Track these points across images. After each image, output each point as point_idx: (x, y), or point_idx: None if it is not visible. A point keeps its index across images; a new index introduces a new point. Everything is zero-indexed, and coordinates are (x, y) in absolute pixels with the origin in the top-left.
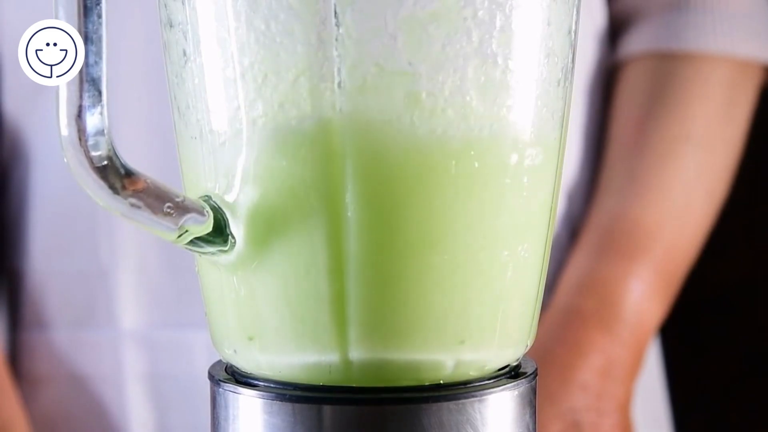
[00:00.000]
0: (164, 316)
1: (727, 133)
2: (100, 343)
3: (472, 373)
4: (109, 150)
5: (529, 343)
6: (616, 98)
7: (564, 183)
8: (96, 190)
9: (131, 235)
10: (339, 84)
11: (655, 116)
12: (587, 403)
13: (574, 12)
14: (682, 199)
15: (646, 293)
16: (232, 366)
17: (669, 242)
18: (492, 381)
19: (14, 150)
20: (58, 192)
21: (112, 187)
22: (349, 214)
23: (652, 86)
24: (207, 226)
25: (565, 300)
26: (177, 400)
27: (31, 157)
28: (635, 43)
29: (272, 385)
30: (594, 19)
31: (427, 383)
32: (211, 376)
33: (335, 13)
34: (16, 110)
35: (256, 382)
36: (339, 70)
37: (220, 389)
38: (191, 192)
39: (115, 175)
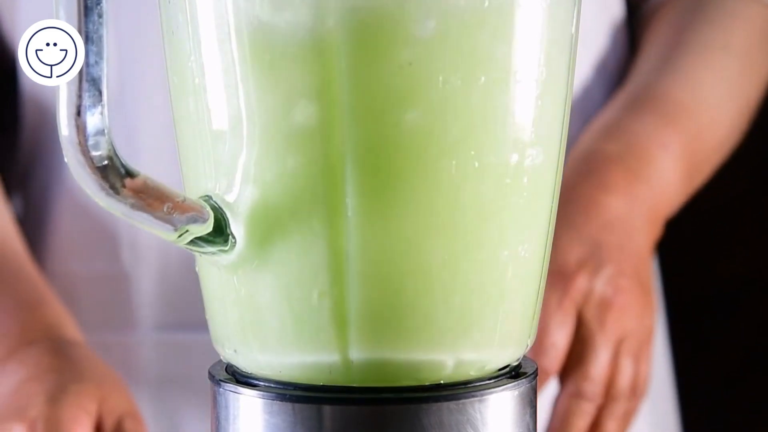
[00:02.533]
0: (185, 319)
1: (763, 58)
2: (121, 345)
3: (473, 373)
4: (110, 150)
5: (530, 343)
6: (652, 19)
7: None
8: (96, 190)
9: (153, 237)
10: (341, 84)
11: (695, 25)
12: (609, 239)
13: (575, 12)
14: (715, 93)
15: (671, 162)
16: (232, 366)
17: (699, 123)
18: (492, 381)
19: (35, 152)
20: (80, 194)
21: (112, 187)
22: (349, 214)
23: (692, 4)
24: (207, 226)
25: (589, 143)
26: (196, 402)
27: (52, 160)
28: None
29: (272, 385)
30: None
31: (427, 383)
32: (211, 376)
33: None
34: (37, 112)
35: (256, 382)
36: (340, 69)
37: (221, 389)
38: (192, 192)
39: (116, 175)
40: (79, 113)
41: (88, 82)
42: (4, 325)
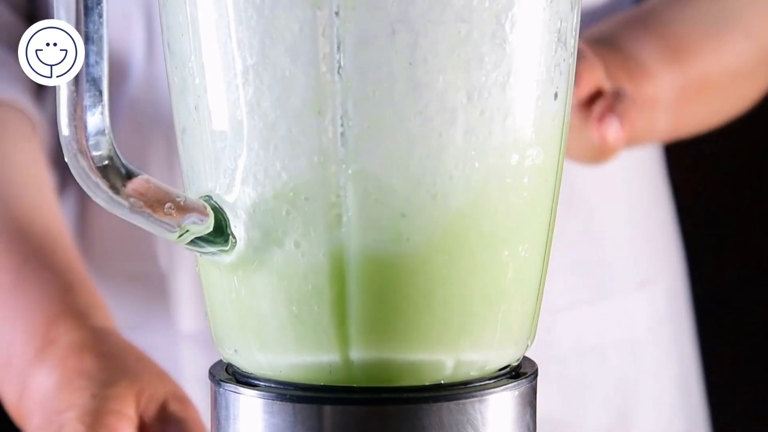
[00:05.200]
0: None
1: None
2: (159, 345)
3: (473, 373)
4: (110, 150)
5: (530, 343)
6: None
7: None
8: (96, 190)
9: None
10: (340, 82)
11: None
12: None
13: (575, 12)
14: (717, 28)
15: (651, 58)
16: (232, 366)
17: (688, 44)
18: (492, 381)
19: None
20: None
21: (112, 187)
22: (349, 214)
23: None
24: (208, 226)
25: None
26: None
27: None
28: None
29: (273, 385)
30: None
31: (427, 383)
32: (211, 376)
33: (336, 12)
34: None
35: (256, 382)
36: (339, 68)
37: (221, 389)
38: (192, 192)
39: (116, 175)
40: (79, 113)
41: (88, 82)
42: (31, 322)
